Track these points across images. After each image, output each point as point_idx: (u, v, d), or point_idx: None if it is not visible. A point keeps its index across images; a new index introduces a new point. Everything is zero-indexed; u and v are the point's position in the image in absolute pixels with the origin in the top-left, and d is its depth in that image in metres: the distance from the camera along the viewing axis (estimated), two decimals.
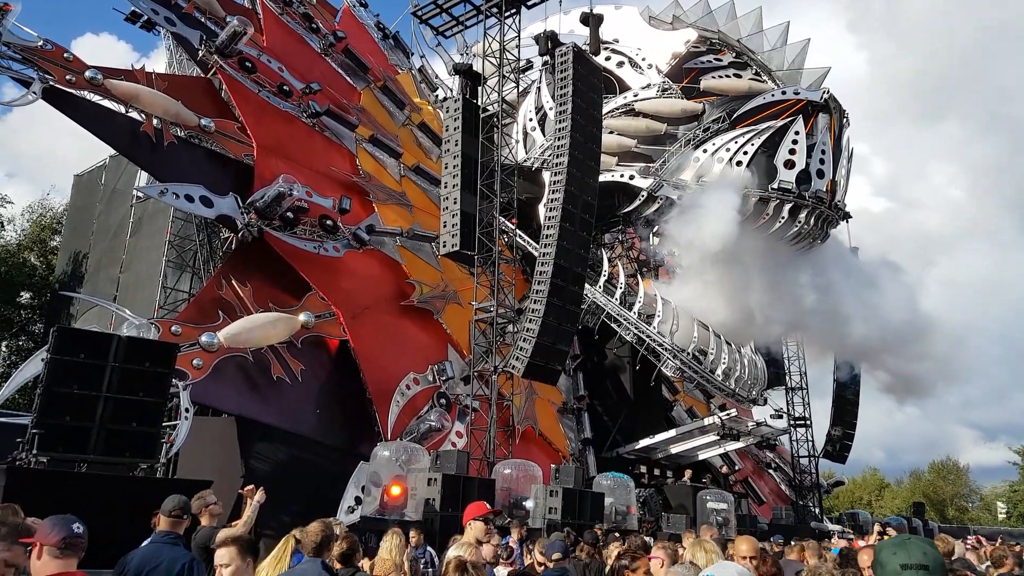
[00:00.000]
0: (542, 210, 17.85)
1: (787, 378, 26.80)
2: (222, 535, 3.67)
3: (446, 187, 16.59)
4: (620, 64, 25.00)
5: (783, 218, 21.51)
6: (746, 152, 21.68)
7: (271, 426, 14.02)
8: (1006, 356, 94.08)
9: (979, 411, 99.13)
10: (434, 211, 19.05)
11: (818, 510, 26.31)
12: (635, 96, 23.62)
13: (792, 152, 21.64)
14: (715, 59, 24.17)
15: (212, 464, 12.89)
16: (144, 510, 5.66)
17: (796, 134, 21.75)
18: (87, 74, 14.20)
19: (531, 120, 24.52)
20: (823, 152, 21.97)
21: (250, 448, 13.52)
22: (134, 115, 14.91)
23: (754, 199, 21.23)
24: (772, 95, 22.63)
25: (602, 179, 19.01)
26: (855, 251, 26.58)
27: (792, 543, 8.78)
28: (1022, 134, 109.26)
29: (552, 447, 19.58)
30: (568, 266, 16.08)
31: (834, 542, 13.18)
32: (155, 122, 14.90)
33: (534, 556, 6.13)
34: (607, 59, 24.58)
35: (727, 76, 23.67)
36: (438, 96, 26.63)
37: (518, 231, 20.61)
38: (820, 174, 21.82)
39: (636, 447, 21.48)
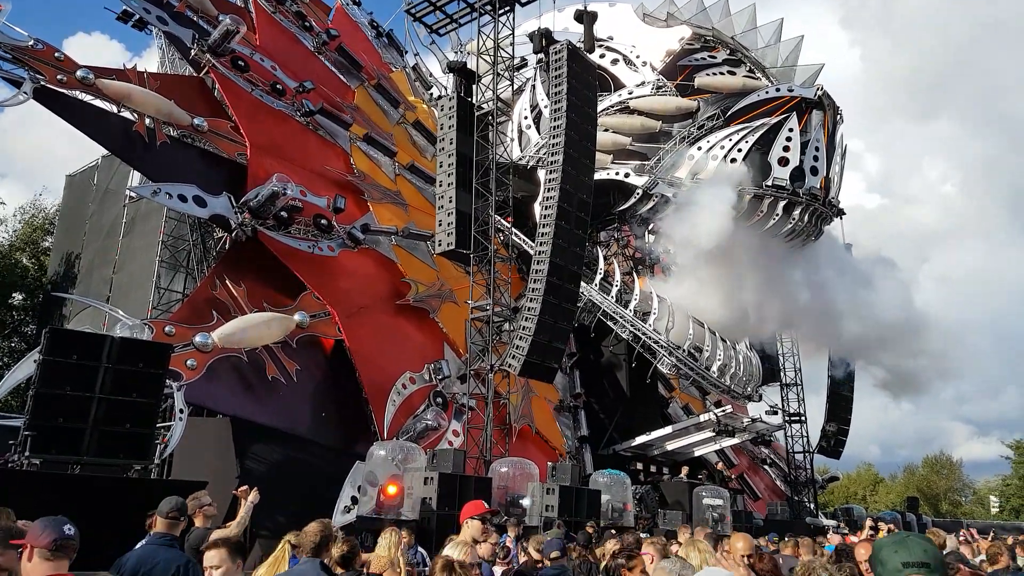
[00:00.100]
0: (538, 208, 17.81)
1: (782, 374, 26.86)
2: (213, 537, 3.65)
3: (441, 186, 16.55)
4: (615, 62, 24.99)
5: (777, 215, 21.55)
6: (740, 149, 21.70)
7: (266, 426, 13.95)
8: (998, 351, 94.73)
9: (972, 406, 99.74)
10: (429, 210, 19.01)
11: (813, 505, 26.39)
12: (630, 94, 23.61)
13: (786, 149, 21.66)
14: (709, 56, 24.18)
15: (207, 465, 12.84)
16: (138, 512, 5.63)
17: (790, 131, 21.76)
18: (78, 74, 14.10)
19: (526, 118, 24.49)
20: (817, 149, 22.02)
21: (245, 449, 13.46)
22: (126, 115, 14.82)
23: (748, 196, 21.27)
24: (766, 92, 22.64)
25: (597, 177, 18.98)
26: (849, 247, 26.67)
27: (786, 539, 8.79)
28: (1015, 130, 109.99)
29: (549, 445, 19.58)
30: (564, 264, 16.07)
31: (829, 538, 13.22)
32: (148, 121, 14.81)
33: (528, 552, 6.10)
34: (601, 56, 24.57)
35: (721, 73, 23.68)
36: (432, 94, 26.56)
37: (514, 229, 20.60)
38: (814, 171, 21.87)
39: (632, 444, 21.51)
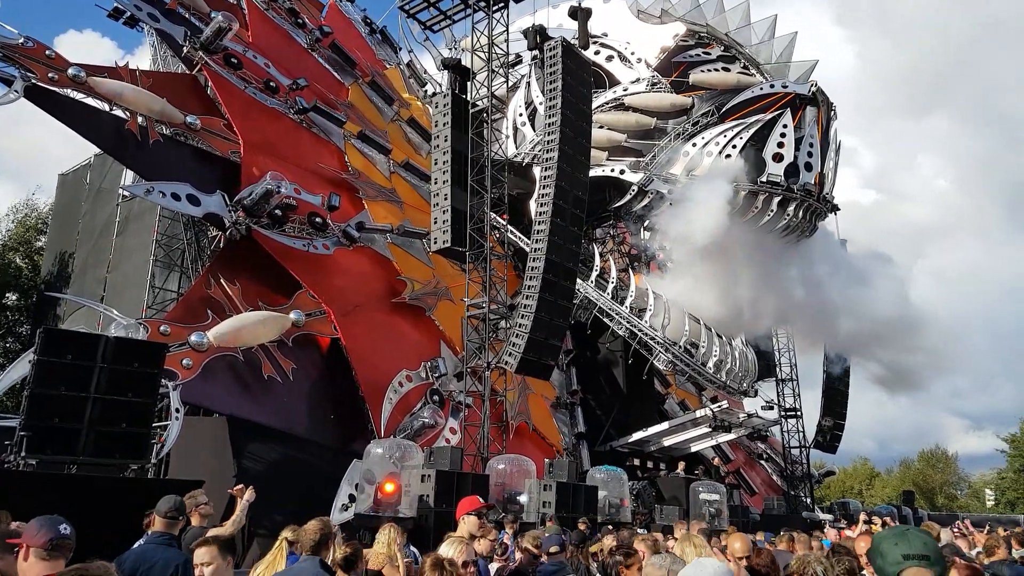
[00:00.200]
0: (533, 205, 17.79)
1: (777, 370, 26.96)
2: (206, 535, 3.65)
3: (436, 183, 16.52)
4: (609, 58, 24.98)
5: (772, 211, 21.59)
6: (735, 146, 21.75)
7: (263, 425, 13.93)
8: (993, 345, 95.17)
9: (967, 400, 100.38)
10: (425, 207, 18.96)
11: (809, 500, 26.52)
12: (624, 90, 23.63)
13: (780, 145, 21.71)
14: (703, 53, 24.19)
15: (204, 464, 12.80)
16: (135, 511, 5.60)
17: (784, 127, 21.82)
18: (70, 72, 14.01)
19: (521, 115, 24.47)
20: (811, 145, 22.07)
21: (242, 448, 13.44)
22: (118, 113, 14.74)
23: (743, 192, 21.32)
24: (760, 89, 22.68)
25: (593, 174, 18.99)
26: (844, 243, 26.76)
27: (781, 533, 8.80)
28: (1010, 127, 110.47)
29: (546, 442, 19.60)
30: (560, 261, 16.07)
31: (826, 532, 13.26)
32: (140, 120, 14.73)
33: (523, 547, 6.08)
34: (596, 53, 24.55)
35: (716, 70, 23.70)
36: (427, 91, 26.49)
37: (509, 227, 20.57)
38: (808, 167, 21.92)
39: (629, 440, 21.54)
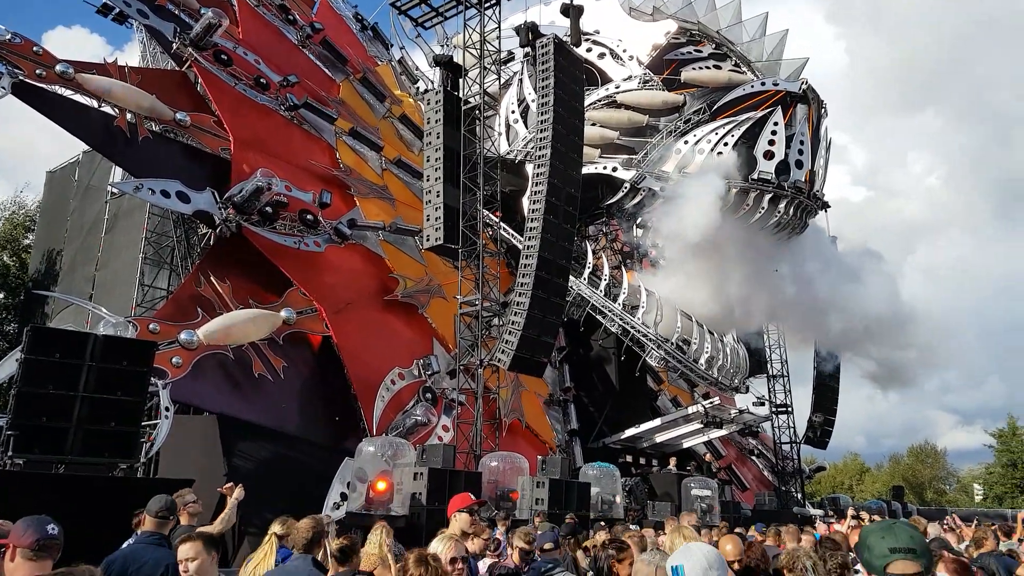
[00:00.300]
0: (526, 203, 17.80)
1: (769, 366, 27.10)
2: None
3: (428, 180, 16.48)
4: (601, 55, 24.99)
5: (763, 208, 21.70)
6: (726, 143, 21.83)
7: (254, 424, 13.86)
8: (983, 341, 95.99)
9: (957, 396, 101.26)
10: (417, 205, 18.93)
11: (800, 495, 26.67)
12: (617, 88, 23.66)
13: (771, 143, 21.82)
14: (695, 50, 24.26)
15: (194, 463, 12.74)
16: (124, 511, 5.57)
17: (775, 125, 21.93)
18: (58, 68, 13.87)
19: (513, 112, 24.44)
20: (802, 143, 22.19)
21: (233, 446, 13.37)
22: (107, 110, 14.61)
23: (734, 190, 21.40)
24: (751, 86, 22.79)
25: (585, 171, 19.00)
26: (834, 240, 26.92)
27: (768, 527, 8.81)
28: (1001, 124, 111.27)
29: (539, 439, 19.62)
30: (552, 258, 16.07)
31: (817, 527, 13.34)
32: (129, 116, 14.61)
33: (513, 544, 6.07)
34: (588, 51, 24.56)
35: (707, 67, 23.78)
36: (419, 88, 26.39)
37: (502, 224, 20.55)
38: (799, 164, 22.04)
39: (622, 437, 21.60)
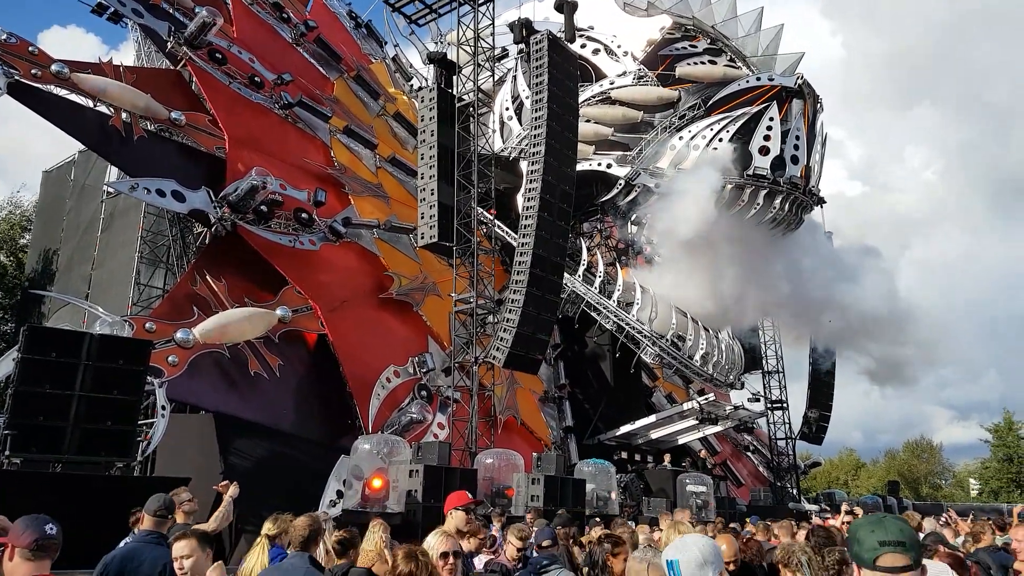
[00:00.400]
0: (520, 200, 17.79)
1: (764, 362, 27.17)
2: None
3: (423, 178, 16.48)
4: (596, 51, 24.97)
5: (758, 204, 21.70)
6: (721, 139, 21.81)
7: (250, 422, 13.90)
8: (979, 336, 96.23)
9: (953, 391, 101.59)
10: (411, 202, 18.92)
11: (796, 491, 26.77)
12: (611, 84, 23.62)
13: (767, 138, 21.80)
14: (690, 46, 24.23)
15: (190, 462, 12.76)
16: (121, 509, 5.59)
17: (770, 120, 21.90)
18: (53, 68, 13.87)
19: (508, 109, 24.42)
20: (797, 138, 22.16)
21: (229, 445, 13.40)
22: (103, 109, 14.61)
23: (730, 186, 21.41)
24: (746, 81, 22.74)
25: (580, 168, 19.01)
26: (830, 236, 26.95)
27: (758, 523, 8.80)
28: (997, 118, 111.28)
29: (534, 436, 19.68)
30: (547, 256, 16.10)
31: (813, 522, 13.42)
32: (124, 116, 14.60)
33: (508, 541, 6.11)
34: (582, 47, 24.54)
35: (702, 63, 23.75)
36: (413, 86, 26.35)
37: (496, 221, 20.56)
38: (794, 160, 22.03)
39: (617, 433, 21.67)
